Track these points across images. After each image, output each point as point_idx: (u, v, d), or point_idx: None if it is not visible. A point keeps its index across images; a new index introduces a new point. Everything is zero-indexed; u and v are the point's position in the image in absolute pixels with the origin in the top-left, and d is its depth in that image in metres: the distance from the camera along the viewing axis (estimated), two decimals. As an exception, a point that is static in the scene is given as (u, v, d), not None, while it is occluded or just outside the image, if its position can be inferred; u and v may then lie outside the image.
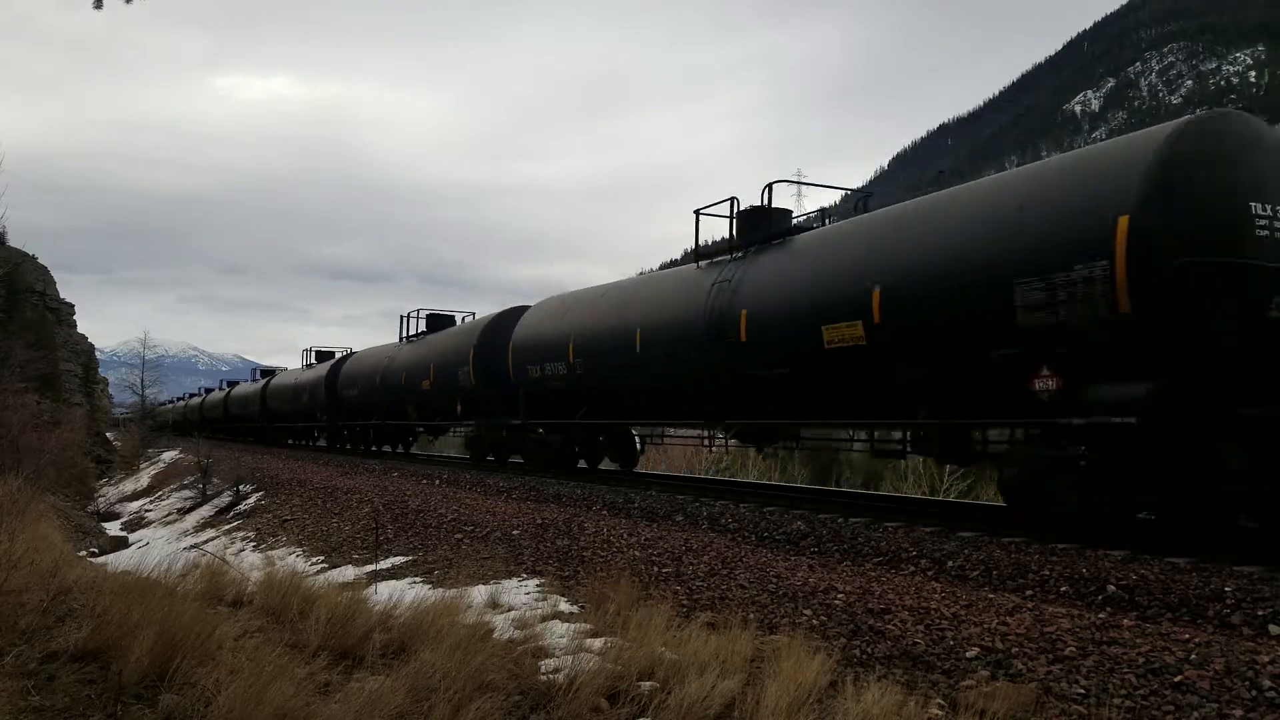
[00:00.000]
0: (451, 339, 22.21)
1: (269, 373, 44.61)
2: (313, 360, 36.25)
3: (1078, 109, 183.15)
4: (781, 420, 12.16)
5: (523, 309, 19.50)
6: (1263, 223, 7.29)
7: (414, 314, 25.51)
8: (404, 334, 25.89)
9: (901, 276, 9.51)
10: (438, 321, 24.96)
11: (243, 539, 15.46)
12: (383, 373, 25.63)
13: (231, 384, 52.68)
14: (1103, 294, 7.54)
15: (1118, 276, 7.41)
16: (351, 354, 31.70)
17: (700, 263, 13.84)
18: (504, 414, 18.84)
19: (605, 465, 18.30)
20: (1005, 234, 8.49)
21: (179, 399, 72.46)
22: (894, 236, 10.03)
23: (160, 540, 17.82)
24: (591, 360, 15.43)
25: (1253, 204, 7.30)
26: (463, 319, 24.13)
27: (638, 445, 17.95)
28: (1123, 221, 7.38)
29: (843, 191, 14.69)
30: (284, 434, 39.67)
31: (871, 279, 9.82)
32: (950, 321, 8.97)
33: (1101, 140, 9.74)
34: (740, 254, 12.91)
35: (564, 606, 7.14)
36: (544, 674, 5.02)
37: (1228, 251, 7.14)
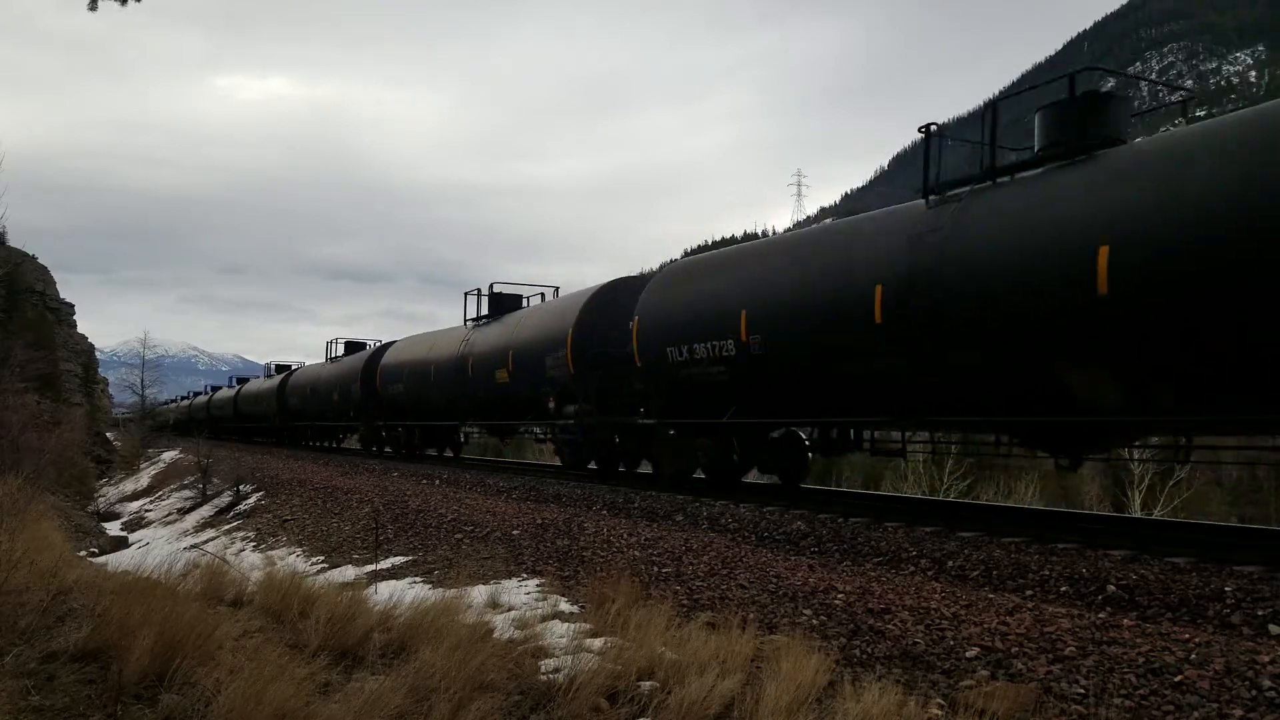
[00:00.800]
0: (348, 363, 23.76)
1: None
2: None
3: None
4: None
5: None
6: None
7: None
8: (329, 356, 26.36)
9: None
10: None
11: (243, 539, 15.45)
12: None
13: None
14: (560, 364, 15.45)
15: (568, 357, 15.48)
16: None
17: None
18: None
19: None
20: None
21: (181, 398, 72.43)
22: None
23: (160, 540, 17.82)
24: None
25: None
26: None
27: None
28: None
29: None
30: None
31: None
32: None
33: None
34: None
35: (564, 606, 7.14)
36: (544, 674, 5.02)
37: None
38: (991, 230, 8.85)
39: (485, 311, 21.08)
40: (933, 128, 10.32)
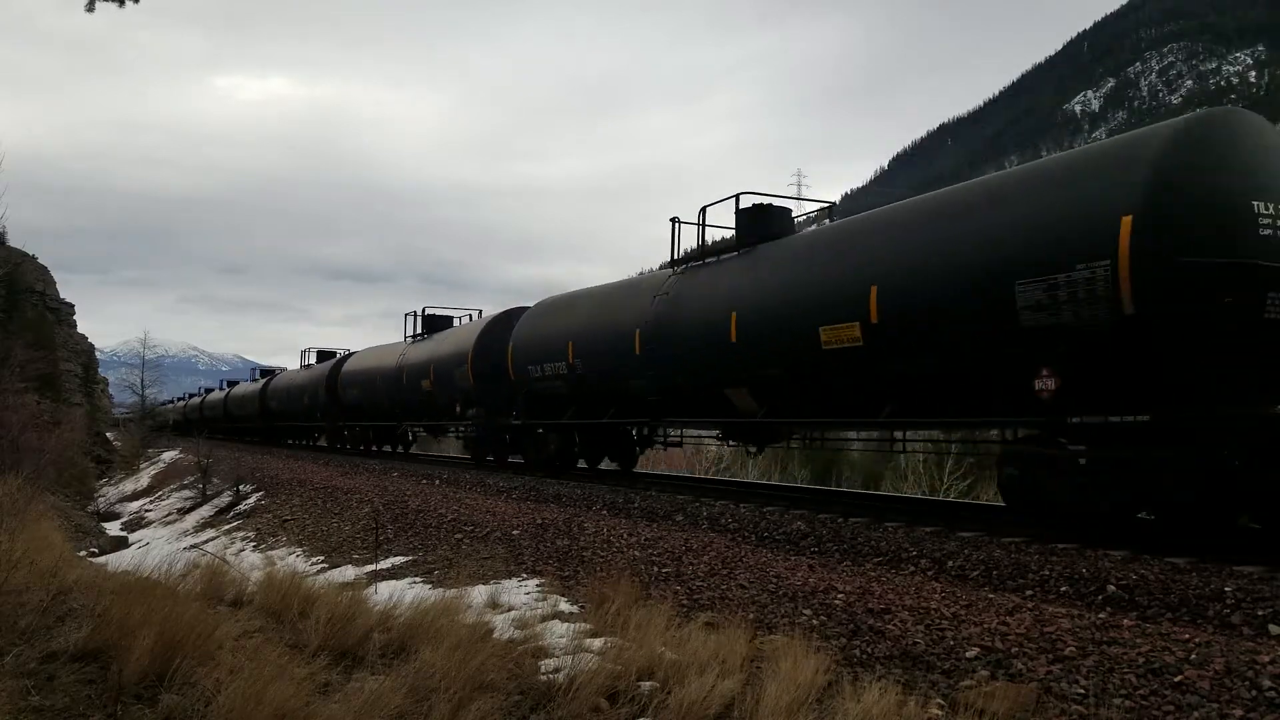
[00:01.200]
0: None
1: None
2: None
3: (1078, 109, 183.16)
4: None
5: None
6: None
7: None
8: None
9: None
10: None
11: (243, 539, 15.46)
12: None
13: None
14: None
15: None
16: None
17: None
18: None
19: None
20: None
21: (179, 399, 72.51)
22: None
23: (160, 540, 17.82)
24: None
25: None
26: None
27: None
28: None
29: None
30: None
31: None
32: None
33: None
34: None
35: (564, 606, 7.14)
36: (544, 674, 5.02)
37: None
38: (695, 294, 13.19)
39: (420, 330, 24.96)
40: (679, 218, 14.46)
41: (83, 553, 12.64)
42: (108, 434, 50.91)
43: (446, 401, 21.25)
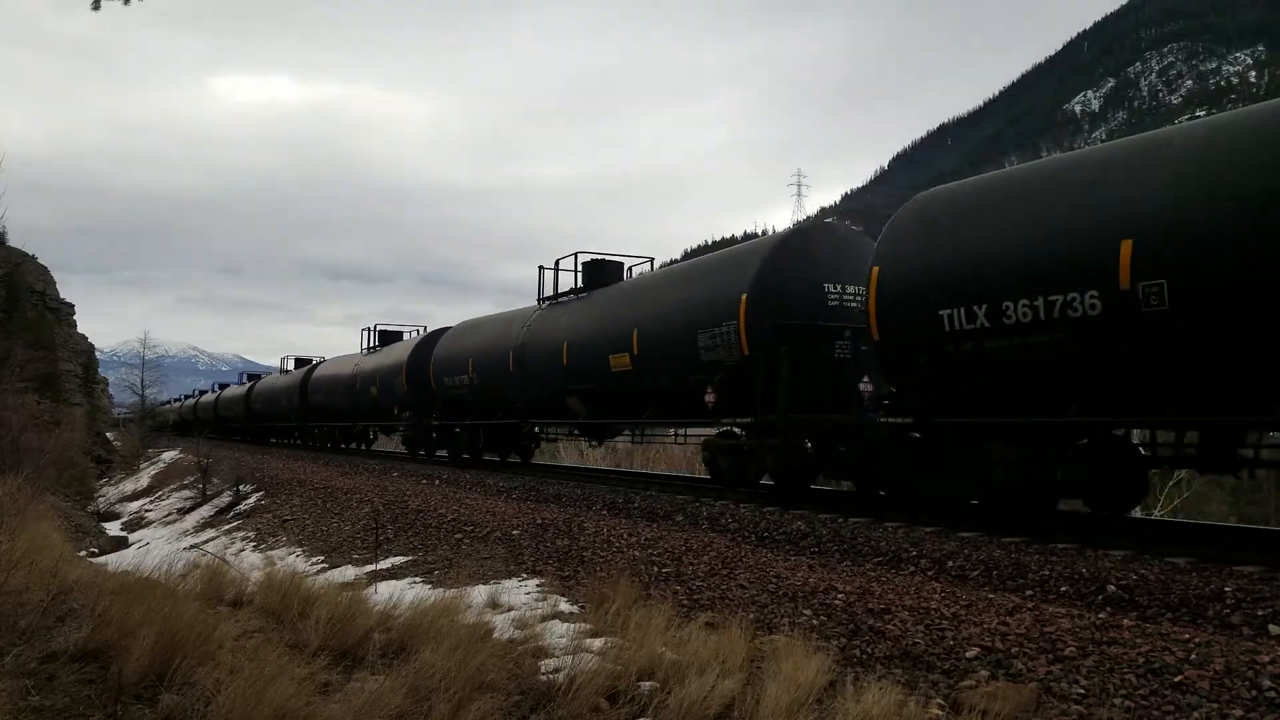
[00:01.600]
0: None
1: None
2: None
3: (1078, 109, 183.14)
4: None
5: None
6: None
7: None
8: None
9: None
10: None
11: (243, 539, 15.46)
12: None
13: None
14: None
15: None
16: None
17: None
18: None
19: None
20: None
21: (186, 397, 72.57)
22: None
23: (160, 540, 17.82)
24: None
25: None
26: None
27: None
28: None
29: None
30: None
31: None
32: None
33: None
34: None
35: (564, 606, 7.14)
36: (544, 674, 5.02)
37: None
38: (547, 327, 17.21)
39: (374, 344, 28.60)
40: (543, 265, 18.07)
41: (83, 553, 12.64)
42: (108, 434, 50.90)
43: (387, 405, 25.39)
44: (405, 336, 28.49)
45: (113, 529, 21.95)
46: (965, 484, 9.28)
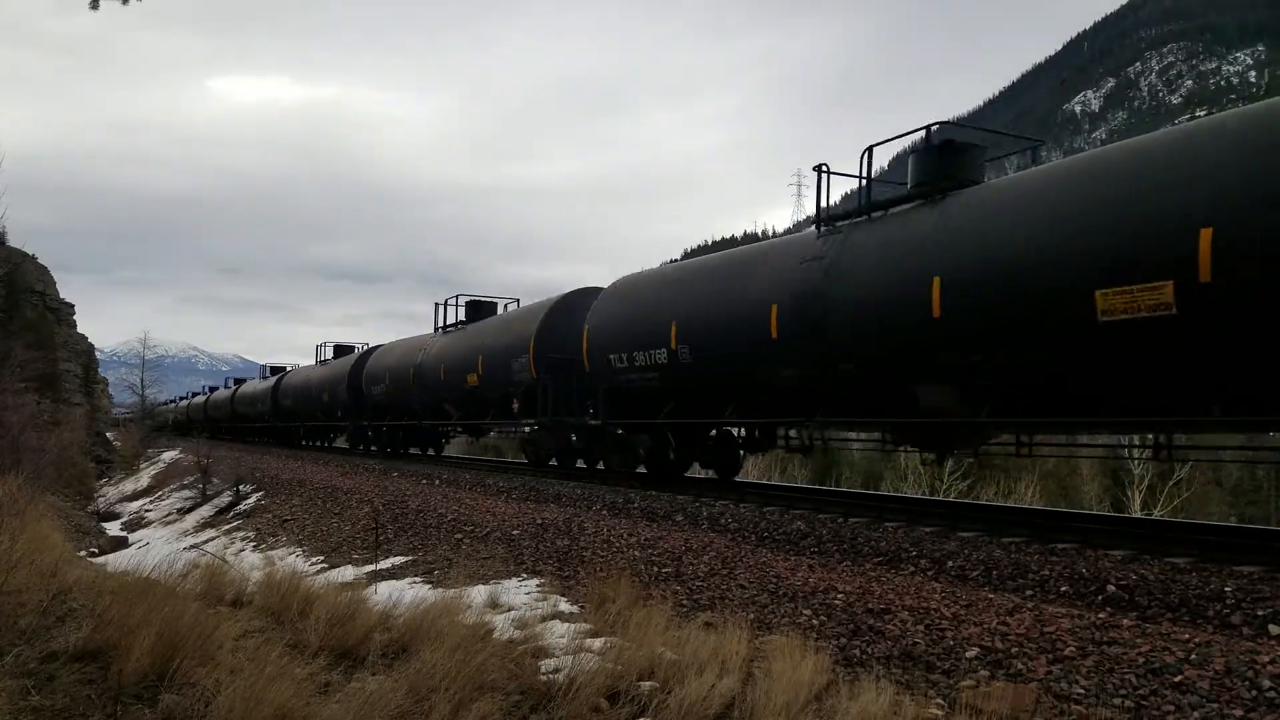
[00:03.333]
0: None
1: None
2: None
3: (1078, 109, 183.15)
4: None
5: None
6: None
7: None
8: (439, 323, 23.31)
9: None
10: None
11: (243, 539, 15.46)
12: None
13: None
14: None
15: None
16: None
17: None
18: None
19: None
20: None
21: (180, 399, 72.50)
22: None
23: (160, 540, 17.81)
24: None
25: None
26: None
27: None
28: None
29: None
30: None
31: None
32: None
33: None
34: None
35: (564, 606, 7.14)
36: (544, 674, 5.02)
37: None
38: (435, 351, 22.40)
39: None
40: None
41: (83, 553, 12.63)
42: (108, 434, 50.89)
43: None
44: (357, 349, 32.42)
45: (113, 529, 21.95)
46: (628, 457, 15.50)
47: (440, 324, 23.26)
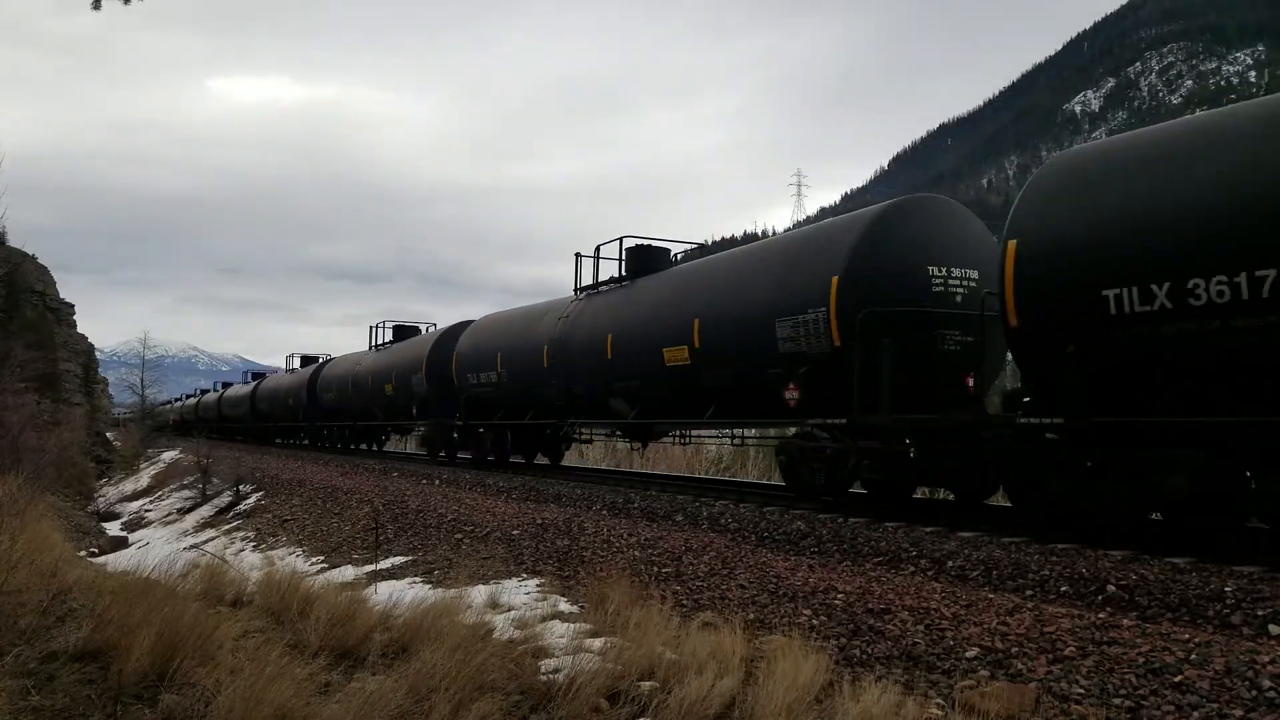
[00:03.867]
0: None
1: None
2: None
3: (1078, 109, 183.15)
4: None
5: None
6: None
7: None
8: (373, 343, 28.79)
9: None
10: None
11: (243, 539, 15.46)
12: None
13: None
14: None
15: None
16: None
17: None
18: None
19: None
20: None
21: (179, 399, 72.58)
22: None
23: (160, 540, 17.81)
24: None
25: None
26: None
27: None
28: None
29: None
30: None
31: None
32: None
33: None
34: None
35: (564, 606, 7.15)
36: (544, 674, 5.03)
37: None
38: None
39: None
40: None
41: (83, 553, 12.64)
42: (108, 434, 50.88)
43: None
44: (322, 357, 32.97)
45: (113, 529, 21.94)
46: (482, 446, 17.94)
47: (375, 343, 28.60)
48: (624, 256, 15.92)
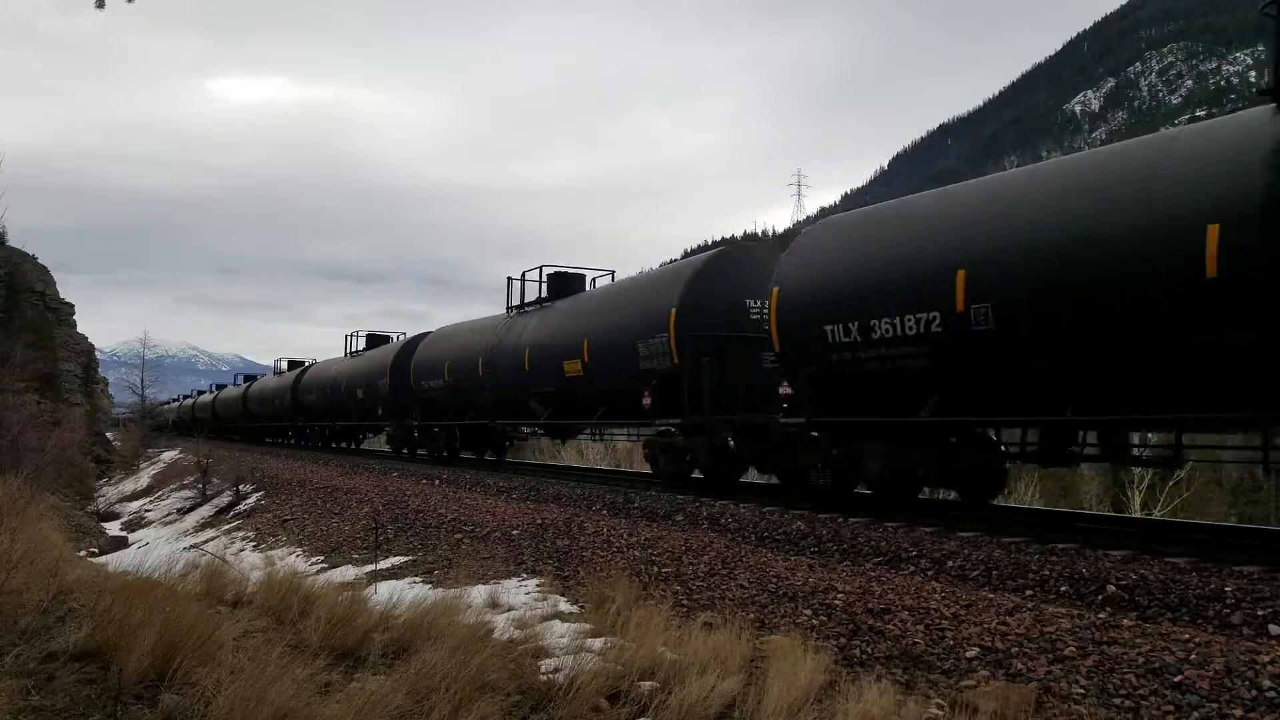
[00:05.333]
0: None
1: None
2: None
3: (1078, 109, 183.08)
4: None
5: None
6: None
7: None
8: (348, 350, 31.33)
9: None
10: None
11: (243, 539, 15.46)
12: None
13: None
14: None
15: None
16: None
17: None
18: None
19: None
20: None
21: (183, 397, 72.62)
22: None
23: (160, 540, 17.81)
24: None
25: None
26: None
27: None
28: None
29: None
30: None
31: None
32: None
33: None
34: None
35: (564, 606, 7.15)
36: (544, 674, 5.03)
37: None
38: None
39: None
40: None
41: (83, 553, 12.63)
42: (108, 434, 50.89)
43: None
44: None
45: (113, 529, 21.94)
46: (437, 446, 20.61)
47: (350, 350, 31.55)
48: (545, 281, 18.79)
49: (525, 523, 10.95)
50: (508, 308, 19.65)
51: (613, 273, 18.62)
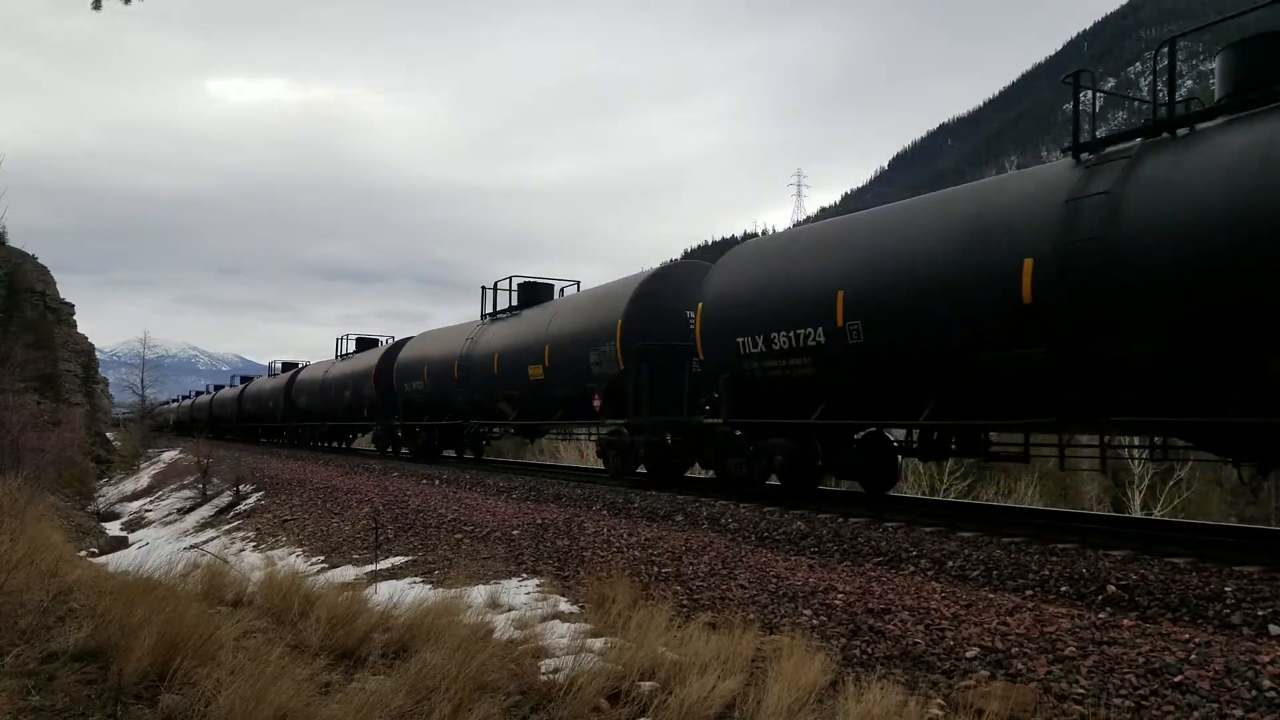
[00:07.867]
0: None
1: (247, 379, 50.25)
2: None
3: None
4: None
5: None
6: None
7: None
8: (338, 353, 32.52)
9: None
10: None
11: (243, 539, 15.46)
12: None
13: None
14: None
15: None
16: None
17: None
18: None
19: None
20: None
21: (183, 397, 72.61)
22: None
23: (160, 540, 17.80)
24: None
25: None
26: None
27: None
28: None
29: None
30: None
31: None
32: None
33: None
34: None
35: (564, 606, 7.15)
36: (544, 674, 5.03)
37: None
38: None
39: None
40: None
41: (83, 553, 12.63)
42: (108, 434, 50.89)
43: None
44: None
45: (113, 529, 21.93)
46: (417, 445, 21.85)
47: (339, 353, 32.42)
48: (516, 290, 20.09)
49: (525, 523, 10.95)
50: (481, 315, 21.09)
51: (578, 283, 19.71)
